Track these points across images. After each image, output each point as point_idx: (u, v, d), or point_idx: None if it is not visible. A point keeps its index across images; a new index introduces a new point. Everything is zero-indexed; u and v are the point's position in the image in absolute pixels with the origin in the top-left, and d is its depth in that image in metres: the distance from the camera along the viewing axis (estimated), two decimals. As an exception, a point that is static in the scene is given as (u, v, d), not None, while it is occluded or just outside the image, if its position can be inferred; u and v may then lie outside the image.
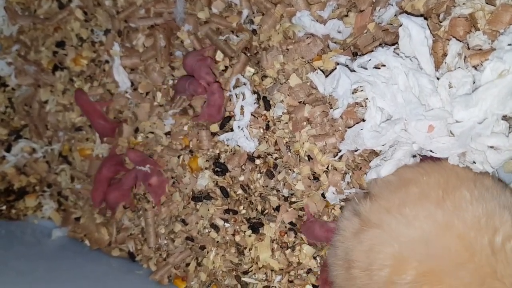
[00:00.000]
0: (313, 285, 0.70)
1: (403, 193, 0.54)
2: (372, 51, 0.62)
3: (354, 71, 0.61)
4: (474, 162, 0.57)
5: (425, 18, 0.61)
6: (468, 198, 0.50)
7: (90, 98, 0.84)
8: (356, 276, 0.53)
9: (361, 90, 0.62)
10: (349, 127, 0.64)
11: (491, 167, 0.55)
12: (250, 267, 0.74)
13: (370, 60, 0.60)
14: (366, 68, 0.60)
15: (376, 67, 0.59)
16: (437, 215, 0.50)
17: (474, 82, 0.55)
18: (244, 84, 0.74)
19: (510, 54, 0.52)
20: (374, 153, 0.65)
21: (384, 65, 0.59)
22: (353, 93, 0.62)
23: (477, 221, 0.48)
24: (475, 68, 0.55)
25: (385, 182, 0.59)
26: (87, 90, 0.86)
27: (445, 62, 0.57)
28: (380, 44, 0.64)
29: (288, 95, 0.70)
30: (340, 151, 0.66)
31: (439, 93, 0.55)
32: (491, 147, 0.55)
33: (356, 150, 0.65)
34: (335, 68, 0.64)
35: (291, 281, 0.72)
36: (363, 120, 0.61)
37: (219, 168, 0.75)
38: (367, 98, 0.60)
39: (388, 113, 0.59)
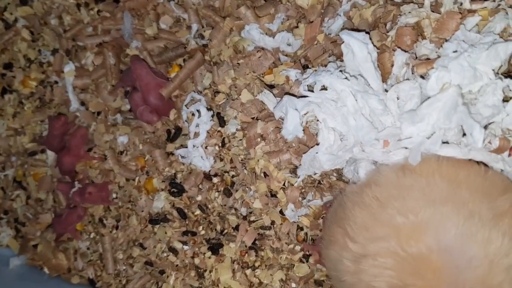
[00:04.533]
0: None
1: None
2: (322, 65, 0.61)
3: (302, 96, 0.59)
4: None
5: (373, 29, 0.59)
6: None
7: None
8: None
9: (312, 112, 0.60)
10: (304, 153, 0.61)
11: None
12: (211, 290, 0.71)
13: (315, 83, 0.58)
14: (313, 91, 0.58)
15: (323, 89, 0.57)
16: None
17: (422, 92, 0.53)
18: (199, 100, 0.71)
19: (455, 62, 0.50)
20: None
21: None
22: (304, 115, 0.60)
23: None
24: (422, 77, 0.53)
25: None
26: (37, 113, 0.83)
27: (393, 73, 0.56)
28: (329, 56, 0.63)
29: (240, 111, 0.68)
30: (296, 168, 0.64)
31: (388, 107, 0.54)
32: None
33: (315, 174, 0.63)
34: (284, 95, 0.62)
35: (253, 303, 0.69)
36: (317, 144, 0.59)
37: (176, 188, 0.73)
38: (318, 120, 0.58)
39: (341, 132, 0.57)
